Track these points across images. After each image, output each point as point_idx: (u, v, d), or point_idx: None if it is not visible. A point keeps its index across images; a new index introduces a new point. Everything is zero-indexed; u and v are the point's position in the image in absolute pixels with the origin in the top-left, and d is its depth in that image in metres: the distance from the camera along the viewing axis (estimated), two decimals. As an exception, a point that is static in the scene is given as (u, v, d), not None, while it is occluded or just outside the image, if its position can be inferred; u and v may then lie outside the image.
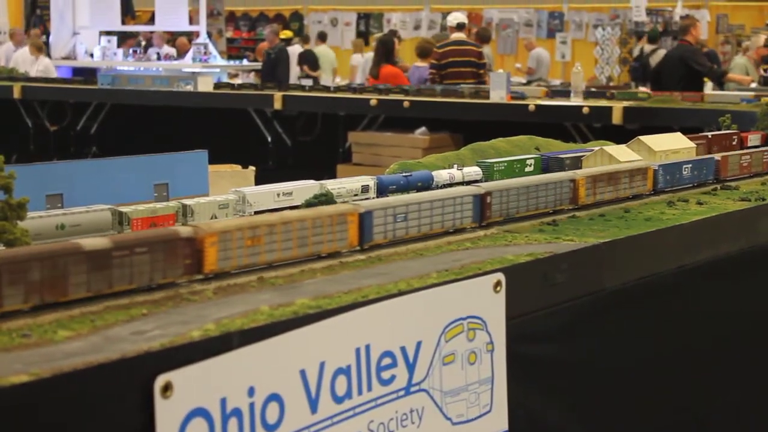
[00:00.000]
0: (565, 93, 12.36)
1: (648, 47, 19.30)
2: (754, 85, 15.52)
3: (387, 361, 2.65)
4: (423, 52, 16.41)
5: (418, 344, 2.74)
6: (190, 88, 13.72)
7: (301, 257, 3.00)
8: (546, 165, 4.58)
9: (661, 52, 17.83)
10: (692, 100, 11.16)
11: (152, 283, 2.62)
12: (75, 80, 16.63)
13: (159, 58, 22.68)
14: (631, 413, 3.86)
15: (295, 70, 21.33)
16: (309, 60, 21.78)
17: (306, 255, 3.02)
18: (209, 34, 22.98)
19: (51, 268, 2.41)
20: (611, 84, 18.86)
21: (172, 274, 2.66)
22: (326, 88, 14.11)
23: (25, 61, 20.42)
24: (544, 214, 3.91)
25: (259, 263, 2.89)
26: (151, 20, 24.72)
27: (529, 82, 18.19)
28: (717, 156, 4.91)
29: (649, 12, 23.91)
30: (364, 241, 3.20)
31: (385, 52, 15.41)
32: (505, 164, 4.41)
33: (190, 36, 23.00)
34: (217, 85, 14.35)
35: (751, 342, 4.60)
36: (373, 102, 12.41)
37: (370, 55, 19.25)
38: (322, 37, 24.14)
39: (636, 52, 20.03)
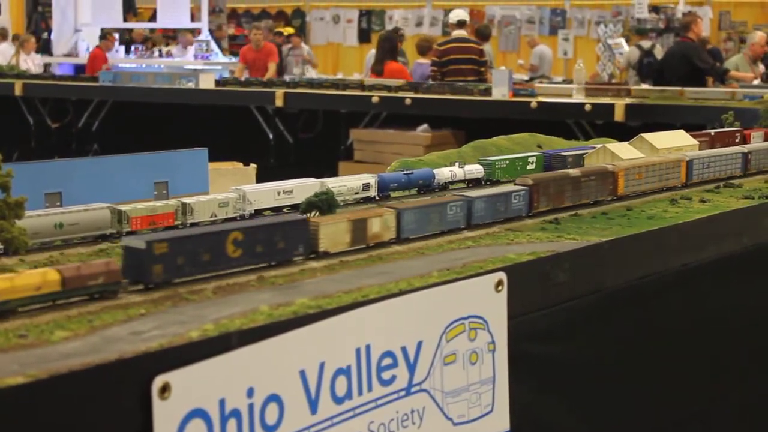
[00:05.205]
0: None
1: (645, 42, 19.22)
2: (756, 82, 15.45)
3: (387, 361, 2.63)
4: (422, 49, 16.38)
5: (419, 344, 2.72)
6: (191, 85, 13.69)
7: (657, 189, 4.39)
8: (548, 163, 4.56)
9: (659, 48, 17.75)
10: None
11: (594, 199, 4.04)
12: (76, 77, 16.59)
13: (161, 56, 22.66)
14: (634, 412, 3.84)
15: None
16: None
17: (660, 187, 4.41)
18: (211, 32, 22.96)
19: (557, 186, 3.86)
20: (613, 81, 18.79)
21: (605, 195, 4.11)
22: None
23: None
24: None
25: (641, 191, 4.30)
26: (153, 17, 24.71)
27: (531, 79, 18.14)
28: None
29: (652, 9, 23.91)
30: (688, 180, 4.59)
31: (390, 48, 15.34)
32: (507, 162, 4.39)
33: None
34: (224, 81, 14.27)
35: (754, 340, 4.58)
36: (375, 99, 12.36)
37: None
38: None
39: (625, 49, 19.83)
